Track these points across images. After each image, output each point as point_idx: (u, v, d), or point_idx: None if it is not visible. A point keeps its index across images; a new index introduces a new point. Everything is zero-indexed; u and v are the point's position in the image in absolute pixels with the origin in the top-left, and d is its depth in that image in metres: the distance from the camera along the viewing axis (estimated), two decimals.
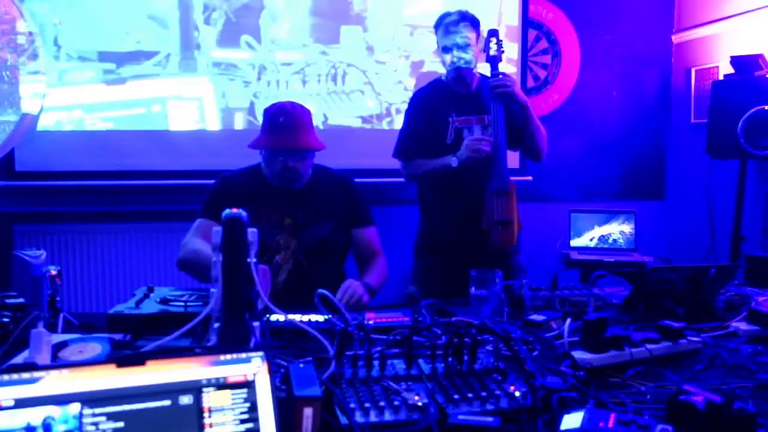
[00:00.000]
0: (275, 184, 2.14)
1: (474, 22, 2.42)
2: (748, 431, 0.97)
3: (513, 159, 2.78)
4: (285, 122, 2.05)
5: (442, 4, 3.56)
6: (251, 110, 3.50)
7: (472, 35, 2.40)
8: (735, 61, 3.24)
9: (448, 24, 2.39)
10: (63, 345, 1.33)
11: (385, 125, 3.66)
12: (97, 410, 0.83)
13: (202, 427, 0.86)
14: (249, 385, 0.89)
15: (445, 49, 2.41)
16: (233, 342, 1.25)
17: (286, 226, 2.11)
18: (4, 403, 0.80)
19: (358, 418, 1.01)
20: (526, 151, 2.64)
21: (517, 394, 1.09)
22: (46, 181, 3.35)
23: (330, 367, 1.16)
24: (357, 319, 1.52)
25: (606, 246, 3.38)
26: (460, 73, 2.43)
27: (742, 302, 1.77)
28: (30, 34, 3.13)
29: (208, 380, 0.88)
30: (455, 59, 2.39)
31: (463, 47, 2.38)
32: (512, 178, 2.47)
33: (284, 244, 2.09)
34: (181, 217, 3.00)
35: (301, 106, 2.15)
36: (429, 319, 1.62)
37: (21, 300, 1.55)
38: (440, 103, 2.48)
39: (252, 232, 1.35)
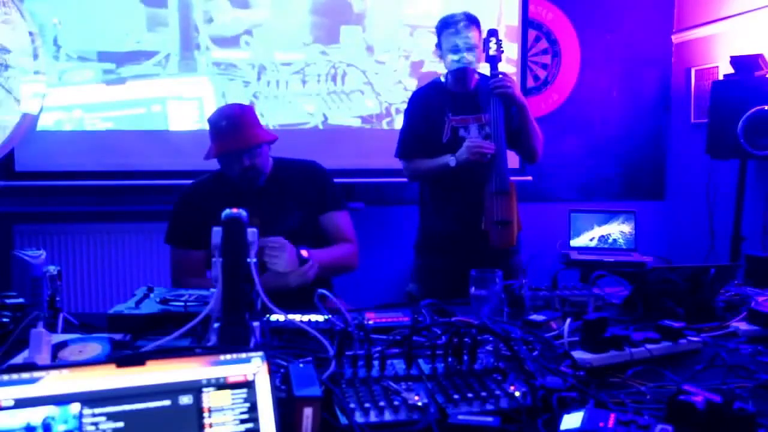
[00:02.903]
0: (238, 185, 2.11)
1: (477, 24, 2.45)
2: (748, 431, 0.97)
3: (513, 159, 2.78)
4: (228, 125, 2.03)
5: (441, 4, 3.56)
6: None
7: (476, 36, 2.42)
8: (735, 61, 3.24)
9: (454, 25, 2.40)
10: (63, 345, 1.33)
11: (384, 125, 3.66)
12: (97, 410, 0.83)
13: (202, 427, 0.86)
14: (249, 385, 0.89)
15: (453, 50, 2.41)
16: (233, 342, 1.25)
17: (254, 225, 2.08)
18: (4, 403, 0.80)
19: (358, 418, 1.01)
20: (522, 152, 2.66)
21: (517, 394, 1.09)
22: (46, 181, 3.35)
23: (330, 367, 1.15)
24: (357, 319, 1.52)
25: (606, 246, 3.38)
26: (464, 74, 2.44)
27: (742, 302, 1.76)
28: (30, 34, 3.12)
29: (208, 380, 0.88)
30: (460, 59, 2.40)
31: (469, 48, 2.39)
32: (512, 178, 2.48)
33: None
34: None
35: (240, 105, 2.16)
36: (429, 319, 1.62)
37: (21, 300, 1.55)
38: (437, 103, 2.49)
39: (252, 232, 1.35)
